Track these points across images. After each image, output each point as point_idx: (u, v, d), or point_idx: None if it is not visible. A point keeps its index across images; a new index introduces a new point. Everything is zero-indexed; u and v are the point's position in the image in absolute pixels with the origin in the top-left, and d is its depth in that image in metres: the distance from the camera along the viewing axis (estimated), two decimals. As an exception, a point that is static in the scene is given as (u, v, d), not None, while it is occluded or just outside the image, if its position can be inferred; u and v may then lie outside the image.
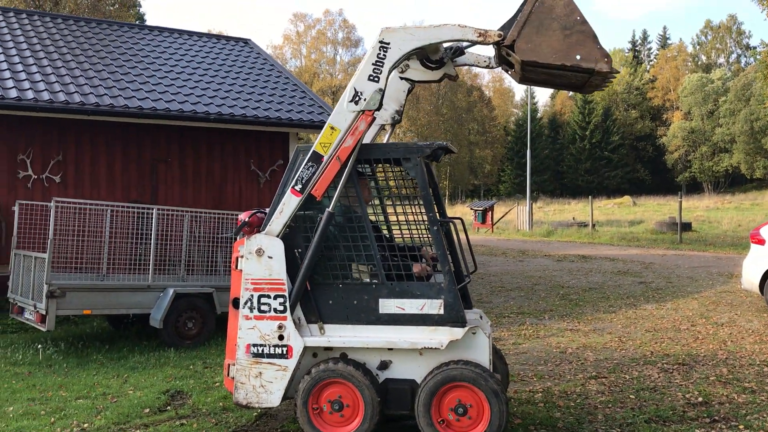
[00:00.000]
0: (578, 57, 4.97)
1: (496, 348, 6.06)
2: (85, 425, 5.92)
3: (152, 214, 9.40)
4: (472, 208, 38.55)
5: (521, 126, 75.56)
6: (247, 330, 5.32)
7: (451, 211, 48.20)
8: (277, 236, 5.32)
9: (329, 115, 13.59)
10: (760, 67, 38.45)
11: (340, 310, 5.33)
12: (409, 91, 5.86)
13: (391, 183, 5.99)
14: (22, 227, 9.91)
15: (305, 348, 5.28)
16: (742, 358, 8.26)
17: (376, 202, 6.16)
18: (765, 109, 55.63)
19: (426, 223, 5.41)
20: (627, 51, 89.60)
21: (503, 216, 38.60)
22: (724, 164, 68.68)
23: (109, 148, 12.15)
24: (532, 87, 33.34)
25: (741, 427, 5.77)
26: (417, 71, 5.72)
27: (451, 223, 5.78)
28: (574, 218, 38.16)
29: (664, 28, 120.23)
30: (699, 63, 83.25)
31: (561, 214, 45.64)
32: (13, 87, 11.08)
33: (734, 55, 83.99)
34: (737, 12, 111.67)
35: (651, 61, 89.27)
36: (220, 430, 5.78)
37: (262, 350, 5.29)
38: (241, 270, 5.37)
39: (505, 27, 5.19)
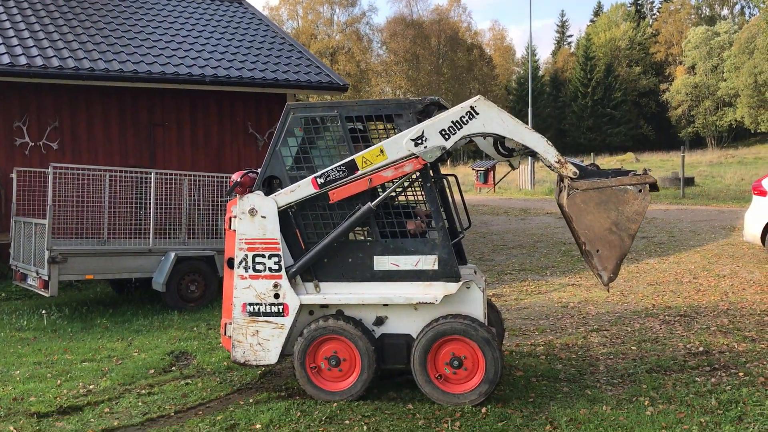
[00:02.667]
0: (597, 251, 5.09)
1: (489, 300, 6.09)
2: (91, 386, 6.00)
3: (150, 178, 9.37)
4: (474, 169, 38.37)
5: (523, 84, 74.72)
6: (243, 289, 5.34)
7: (453, 171, 48.01)
8: (279, 208, 5.32)
9: (327, 75, 13.52)
10: (766, 16, 37.77)
11: (336, 268, 5.35)
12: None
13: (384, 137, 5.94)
14: (21, 195, 9.91)
15: (301, 306, 5.31)
16: (743, 308, 8.29)
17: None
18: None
19: (419, 179, 5.39)
20: (629, 5, 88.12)
21: (505, 176, 38.21)
22: (728, 119, 67.91)
23: (106, 113, 12.07)
24: (533, 42, 32.71)
25: (741, 374, 5.81)
26: (486, 143, 5.66)
27: (445, 180, 5.75)
28: (576, 176, 37.85)
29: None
30: (702, 16, 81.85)
31: (564, 172, 45.38)
32: (5, 53, 10.96)
33: (738, 6, 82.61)
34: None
35: (654, 14, 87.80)
36: (225, 389, 5.84)
37: (259, 309, 5.33)
38: (234, 230, 5.37)
39: (590, 171, 5.20)
